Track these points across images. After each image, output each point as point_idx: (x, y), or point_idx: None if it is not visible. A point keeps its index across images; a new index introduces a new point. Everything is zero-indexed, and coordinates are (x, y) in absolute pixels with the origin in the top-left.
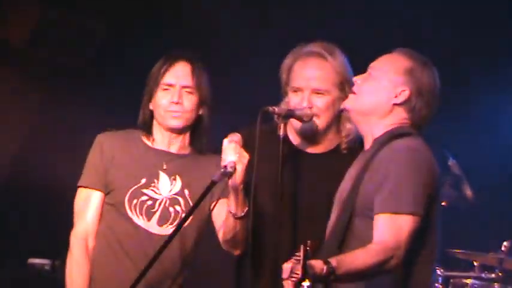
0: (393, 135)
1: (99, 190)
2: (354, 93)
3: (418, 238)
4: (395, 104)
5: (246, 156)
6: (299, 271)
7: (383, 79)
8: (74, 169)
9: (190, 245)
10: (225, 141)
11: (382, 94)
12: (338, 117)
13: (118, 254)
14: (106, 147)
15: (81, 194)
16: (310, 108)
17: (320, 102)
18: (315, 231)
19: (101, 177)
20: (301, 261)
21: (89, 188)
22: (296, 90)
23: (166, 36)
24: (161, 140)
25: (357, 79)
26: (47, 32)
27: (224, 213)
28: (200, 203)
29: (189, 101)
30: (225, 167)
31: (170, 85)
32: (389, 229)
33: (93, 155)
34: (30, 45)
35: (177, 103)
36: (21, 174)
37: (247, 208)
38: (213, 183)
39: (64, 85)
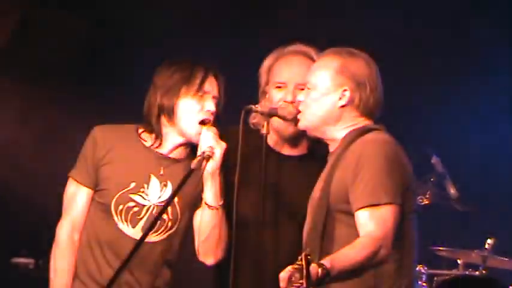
0: (359, 132)
1: (87, 187)
2: (300, 111)
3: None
4: (342, 107)
5: (223, 143)
6: (302, 280)
7: (320, 88)
8: (57, 169)
9: (176, 248)
10: (203, 129)
11: (325, 102)
12: None
13: (97, 255)
14: (100, 142)
15: (71, 186)
16: (293, 103)
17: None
18: (295, 233)
19: (91, 174)
20: (305, 271)
21: (78, 183)
22: (279, 85)
23: (151, 34)
24: (168, 145)
25: (299, 97)
26: (29, 31)
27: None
28: (178, 193)
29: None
30: (203, 152)
31: (206, 92)
32: (373, 221)
33: (86, 148)
34: (12, 45)
35: (212, 113)
36: (2, 174)
37: (222, 201)
38: (191, 171)
39: (46, 84)
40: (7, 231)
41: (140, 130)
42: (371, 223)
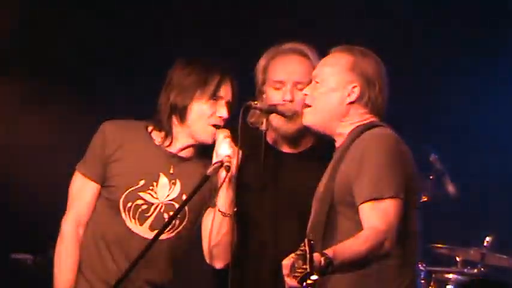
0: (364, 128)
1: (95, 181)
2: (308, 105)
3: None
4: (350, 103)
5: (239, 151)
6: (305, 266)
7: (330, 82)
8: (56, 164)
9: (183, 247)
10: (220, 135)
11: (334, 97)
12: None
13: (102, 252)
14: (110, 139)
15: (77, 180)
16: (292, 101)
17: (302, 97)
18: (296, 231)
19: (99, 169)
20: (309, 255)
21: (85, 177)
22: (277, 85)
23: (151, 32)
24: (178, 144)
25: (305, 91)
26: (28, 30)
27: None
28: (191, 199)
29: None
30: (221, 161)
31: (220, 98)
32: (377, 214)
33: (95, 143)
34: (12, 44)
35: (224, 119)
36: (1, 169)
37: (235, 208)
38: (206, 178)
39: (45, 83)
40: (5, 228)
41: (150, 128)
42: (374, 216)
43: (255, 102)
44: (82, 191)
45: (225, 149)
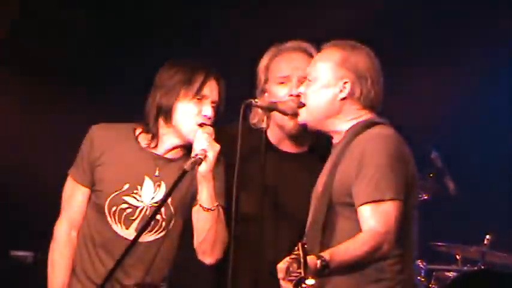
0: (364, 125)
1: (84, 186)
2: (303, 103)
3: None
4: (343, 99)
5: (216, 145)
6: (300, 270)
7: (321, 80)
8: (55, 161)
9: (173, 246)
10: (199, 131)
11: (326, 94)
12: None
13: (92, 255)
14: (96, 143)
15: (69, 184)
16: (298, 96)
17: None
18: (295, 231)
19: (87, 174)
20: (302, 259)
21: (76, 182)
22: (282, 80)
23: (149, 29)
24: (165, 145)
25: (300, 89)
26: (28, 23)
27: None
28: (171, 194)
29: (213, 114)
30: (196, 155)
31: (205, 97)
32: (376, 217)
33: (83, 148)
34: (11, 36)
35: (209, 118)
36: (1, 168)
37: (217, 203)
38: (184, 172)
39: (44, 77)
40: (6, 225)
41: (138, 130)
42: (374, 218)
43: (256, 100)
44: (73, 195)
45: (200, 143)
